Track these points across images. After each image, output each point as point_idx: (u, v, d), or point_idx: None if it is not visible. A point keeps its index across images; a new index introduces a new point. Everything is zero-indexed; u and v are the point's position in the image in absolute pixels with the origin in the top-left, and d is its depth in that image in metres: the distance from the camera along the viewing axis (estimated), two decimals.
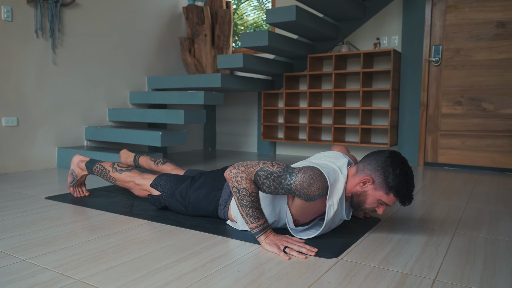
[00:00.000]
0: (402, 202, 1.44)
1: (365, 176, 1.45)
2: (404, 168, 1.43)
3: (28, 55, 3.13)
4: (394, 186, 1.41)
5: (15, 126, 3.08)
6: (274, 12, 3.33)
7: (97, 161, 2.12)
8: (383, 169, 1.43)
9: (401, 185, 1.41)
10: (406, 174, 1.42)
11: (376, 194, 1.45)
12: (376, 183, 1.44)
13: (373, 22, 3.91)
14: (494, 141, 3.42)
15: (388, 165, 1.43)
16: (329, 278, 1.19)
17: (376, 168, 1.44)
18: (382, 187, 1.43)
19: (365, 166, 1.47)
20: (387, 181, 1.42)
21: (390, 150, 1.49)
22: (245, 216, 1.41)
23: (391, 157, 1.45)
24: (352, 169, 1.52)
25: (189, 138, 4.78)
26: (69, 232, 1.60)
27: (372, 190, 1.45)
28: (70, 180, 2.20)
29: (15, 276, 1.18)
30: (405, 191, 1.42)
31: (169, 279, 1.16)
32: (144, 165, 2.31)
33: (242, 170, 1.42)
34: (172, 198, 1.81)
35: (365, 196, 1.46)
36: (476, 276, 1.21)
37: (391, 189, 1.42)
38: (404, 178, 1.42)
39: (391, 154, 1.46)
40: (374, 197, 1.45)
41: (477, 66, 3.46)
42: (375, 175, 1.44)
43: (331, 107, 3.83)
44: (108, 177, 2.04)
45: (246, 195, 1.40)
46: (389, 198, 1.44)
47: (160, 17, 4.29)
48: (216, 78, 3.64)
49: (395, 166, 1.42)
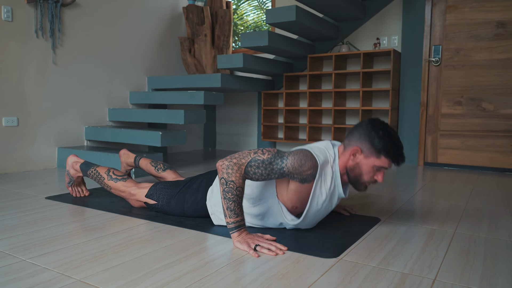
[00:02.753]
0: (395, 162, 1.50)
1: (352, 148, 1.51)
2: (386, 129, 1.50)
3: (28, 55, 3.13)
4: (382, 148, 1.47)
5: (15, 126, 3.08)
6: (274, 12, 3.33)
7: (92, 164, 2.09)
8: (367, 135, 1.50)
9: (388, 145, 1.47)
10: (390, 134, 1.49)
11: (369, 162, 1.50)
12: (365, 151, 1.50)
13: (373, 22, 3.91)
14: (494, 141, 3.42)
15: (370, 130, 1.50)
16: (329, 278, 1.19)
17: (360, 137, 1.51)
18: (372, 152, 1.49)
19: (350, 140, 1.54)
20: (374, 145, 1.48)
21: (369, 118, 1.56)
22: (225, 210, 1.43)
23: (371, 123, 1.52)
24: (340, 147, 1.58)
25: (189, 138, 4.78)
26: (69, 232, 1.60)
27: (363, 159, 1.50)
28: (67, 180, 2.20)
29: (15, 276, 1.18)
30: (394, 150, 1.48)
31: (169, 279, 1.16)
32: (144, 167, 2.28)
33: (234, 162, 1.43)
34: (169, 205, 1.81)
35: (359, 167, 1.51)
36: (476, 276, 1.22)
37: (380, 152, 1.48)
38: (389, 138, 1.48)
39: (370, 120, 1.53)
40: (368, 166, 1.50)
41: (477, 66, 3.46)
42: (362, 143, 1.50)
43: (331, 107, 3.83)
44: (103, 184, 2.01)
45: (233, 188, 1.41)
46: (382, 161, 1.49)
47: (160, 17, 4.29)
48: (216, 78, 3.64)
49: (377, 129, 1.49)
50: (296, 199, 1.51)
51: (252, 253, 1.35)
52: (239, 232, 1.43)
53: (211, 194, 1.70)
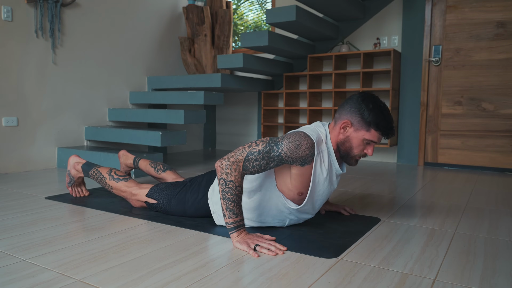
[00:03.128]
0: (385, 135, 1.51)
1: (343, 121, 1.52)
2: (376, 101, 1.51)
3: (28, 55, 3.13)
4: (372, 121, 1.48)
5: (15, 126, 3.08)
6: (274, 12, 3.33)
7: (94, 164, 2.09)
8: (357, 108, 1.50)
9: (378, 118, 1.48)
10: (379, 106, 1.50)
11: (359, 135, 1.51)
12: (355, 124, 1.51)
13: (373, 22, 3.91)
14: (494, 141, 3.42)
15: (360, 103, 1.51)
16: (329, 278, 1.19)
17: (350, 110, 1.52)
18: (362, 125, 1.50)
19: (340, 113, 1.55)
20: (364, 117, 1.49)
21: (359, 92, 1.57)
22: (225, 210, 1.43)
23: (361, 96, 1.53)
24: (331, 124, 1.60)
25: (189, 138, 4.78)
26: (69, 232, 1.60)
27: (354, 133, 1.52)
28: (67, 180, 2.20)
29: (15, 276, 1.18)
30: (384, 122, 1.49)
31: (169, 279, 1.16)
32: (143, 169, 2.29)
33: (231, 161, 1.43)
34: (169, 205, 1.81)
35: (349, 141, 1.52)
36: (476, 276, 1.21)
37: (370, 124, 1.49)
38: (379, 110, 1.49)
39: (361, 93, 1.55)
40: (358, 139, 1.52)
41: (477, 66, 3.46)
42: (351, 116, 1.51)
43: (331, 107, 3.83)
44: (104, 184, 2.01)
45: (232, 188, 1.41)
46: (372, 134, 1.50)
47: (160, 17, 4.29)
48: (216, 78, 3.64)
49: (367, 102, 1.50)
50: (300, 184, 1.51)
51: (252, 253, 1.35)
52: (238, 232, 1.43)
53: (212, 192, 1.70)
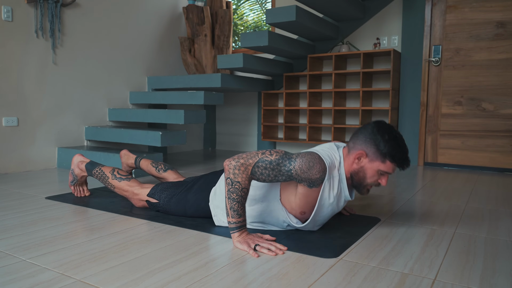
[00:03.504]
0: (400, 167, 1.47)
1: (357, 152, 1.48)
2: (392, 132, 1.47)
3: (28, 55, 3.13)
4: (388, 152, 1.44)
5: (15, 126, 3.08)
6: (274, 12, 3.33)
7: (97, 164, 2.11)
8: (373, 139, 1.46)
9: (394, 149, 1.44)
10: (395, 138, 1.46)
11: (374, 166, 1.47)
12: (370, 155, 1.47)
13: (373, 22, 3.91)
14: (494, 141, 3.42)
15: (376, 134, 1.46)
16: (329, 278, 1.19)
17: (365, 140, 1.48)
18: (377, 156, 1.46)
19: (355, 143, 1.51)
20: (380, 149, 1.45)
21: (374, 121, 1.52)
22: (229, 209, 1.43)
23: (377, 126, 1.48)
24: (344, 150, 1.55)
25: (189, 138, 4.78)
26: (69, 232, 1.60)
27: (368, 163, 1.48)
28: (70, 179, 2.21)
29: (15, 276, 1.18)
30: (400, 154, 1.45)
31: (169, 279, 1.16)
32: (144, 168, 2.30)
33: (241, 163, 1.42)
34: (170, 205, 1.81)
35: (363, 171, 1.49)
36: (476, 276, 1.21)
37: (385, 156, 1.45)
38: (395, 142, 1.45)
39: (376, 123, 1.50)
40: (372, 170, 1.48)
41: (477, 66, 3.46)
42: (367, 147, 1.47)
43: (331, 107, 3.83)
44: (107, 183, 2.02)
45: (238, 189, 1.41)
46: (387, 166, 1.47)
47: (160, 17, 4.29)
48: (216, 78, 3.64)
49: (383, 133, 1.46)
50: (304, 204, 1.50)
51: (252, 253, 1.35)
52: (239, 232, 1.43)
53: (213, 196, 1.70)
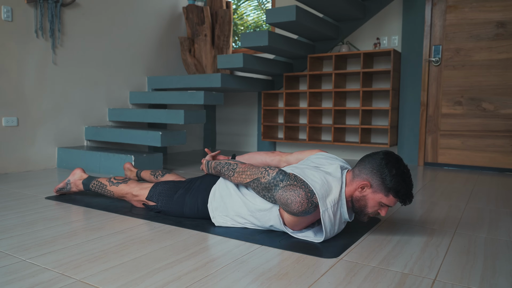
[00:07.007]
0: (402, 202, 1.44)
1: (362, 181, 1.45)
2: (400, 167, 1.43)
3: (28, 55, 3.13)
4: (392, 187, 1.41)
5: (15, 126, 3.07)
6: (274, 12, 3.33)
7: (94, 178, 2.13)
8: (379, 172, 1.42)
9: (399, 185, 1.41)
10: (402, 173, 1.42)
11: (376, 197, 1.44)
12: (374, 187, 1.44)
13: (373, 22, 3.91)
14: (494, 141, 3.42)
15: (383, 166, 1.42)
16: (329, 278, 1.19)
17: (372, 171, 1.44)
18: (381, 189, 1.43)
19: (361, 170, 1.47)
20: (385, 183, 1.41)
21: (383, 151, 1.48)
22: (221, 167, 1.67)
23: (386, 158, 1.44)
24: (349, 174, 1.51)
25: (189, 138, 4.78)
26: (69, 232, 1.60)
27: (371, 194, 1.45)
28: (61, 186, 2.20)
29: (15, 276, 1.18)
30: (404, 190, 1.41)
31: (169, 279, 1.16)
32: (146, 179, 2.36)
33: (243, 177, 1.57)
34: (167, 207, 1.82)
35: (365, 200, 1.46)
36: (476, 276, 1.21)
37: (390, 191, 1.42)
38: (401, 177, 1.41)
39: (385, 155, 1.45)
40: (374, 201, 1.45)
41: (477, 66, 3.46)
42: (372, 178, 1.44)
43: (331, 107, 3.83)
44: (106, 192, 2.04)
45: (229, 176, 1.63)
46: (389, 200, 1.44)
47: (160, 17, 4.29)
48: (216, 78, 3.64)
49: (390, 167, 1.42)
50: (291, 224, 1.52)
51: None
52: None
53: (212, 198, 1.70)
